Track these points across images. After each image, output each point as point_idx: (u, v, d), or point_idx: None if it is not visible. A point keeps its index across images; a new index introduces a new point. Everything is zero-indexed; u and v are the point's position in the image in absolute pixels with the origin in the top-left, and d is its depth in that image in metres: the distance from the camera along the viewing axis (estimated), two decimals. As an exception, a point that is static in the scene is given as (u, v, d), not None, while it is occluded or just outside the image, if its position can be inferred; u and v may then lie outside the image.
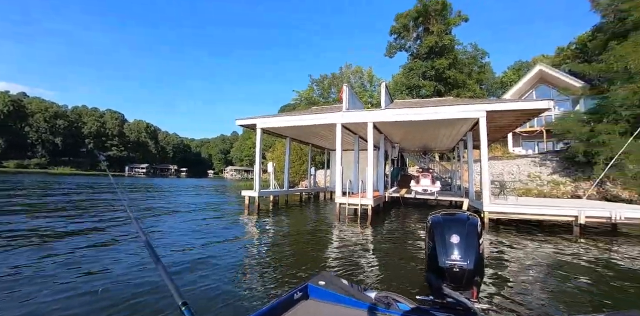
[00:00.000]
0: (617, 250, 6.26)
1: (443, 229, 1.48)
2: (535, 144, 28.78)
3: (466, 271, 1.36)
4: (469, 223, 1.48)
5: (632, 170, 15.75)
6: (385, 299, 1.37)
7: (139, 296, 3.47)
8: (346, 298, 1.34)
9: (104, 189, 22.80)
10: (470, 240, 1.41)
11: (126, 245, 5.90)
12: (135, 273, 4.26)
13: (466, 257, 1.37)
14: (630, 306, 3.50)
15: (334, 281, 1.47)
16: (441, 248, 1.43)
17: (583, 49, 31.30)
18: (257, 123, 12.78)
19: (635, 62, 16.98)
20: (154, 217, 9.85)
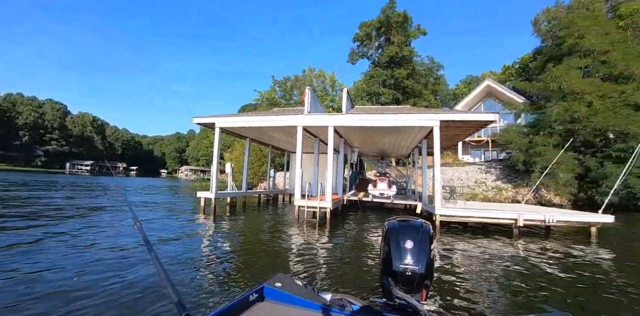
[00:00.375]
0: (549, 249, 6.90)
1: (398, 235, 1.54)
2: (482, 153, 31.00)
3: (418, 275, 1.43)
4: (422, 230, 1.56)
5: (562, 178, 17.55)
6: (340, 301, 1.40)
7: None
8: (302, 300, 1.36)
9: (43, 187, 20.68)
10: (423, 246, 1.48)
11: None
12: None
13: (418, 262, 1.44)
14: (558, 302, 3.86)
15: (291, 283, 1.47)
16: (396, 252, 1.49)
17: (525, 68, 34.50)
18: (215, 122, 12.36)
19: (567, 83, 19.04)
20: (98, 217, 9.11)
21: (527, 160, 19.28)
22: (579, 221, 7.98)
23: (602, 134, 18.33)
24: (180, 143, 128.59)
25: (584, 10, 25.13)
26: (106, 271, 4.31)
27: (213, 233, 7.93)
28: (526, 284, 4.49)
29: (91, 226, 7.75)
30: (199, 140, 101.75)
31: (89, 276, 4.09)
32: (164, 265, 1.05)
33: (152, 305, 3.26)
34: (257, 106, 39.07)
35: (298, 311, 1.32)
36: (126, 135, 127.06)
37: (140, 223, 1.36)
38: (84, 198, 15.50)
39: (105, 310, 3.13)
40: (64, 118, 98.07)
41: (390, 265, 1.48)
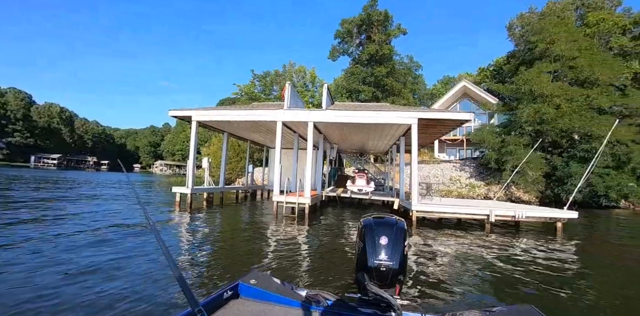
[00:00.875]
0: (518, 243, 7.23)
1: (373, 231, 1.56)
2: (457, 151, 31.95)
3: (392, 271, 1.45)
4: (396, 227, 1.59)
5: (531, 177, 18.38)
6: (315, 297, 1.41)
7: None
8: (277, 297, 1.35)
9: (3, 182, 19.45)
10: (397, 242, 1.51)
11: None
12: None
13: (392, 258, 1.46)
14: (522, 295, 4.04)
15: (266, 280, 1.46)
16: (370, 249, 1.50)
17: (499, 70, 35.72)
18: (192, 115, 12.02)
19: (537, 86, 19.89)
20: (63, 213, 8.67)
21: (499, 158, 20.05)
22: (546, 216, 8.39)
23: (568, 135, 19.32)
24: (155, 137, 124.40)
25: (555, 17, 26.32)
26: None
27: (188, 227, 7.74)
28: (496, 276, 4.67)
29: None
30: (175, 134, 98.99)
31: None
32: (176, 264, 1.05)
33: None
34: (236, 100, 38.36)
35: (274, 308, 1.31)
36: (97, 127, 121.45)
37: (154, 226, 1.29)
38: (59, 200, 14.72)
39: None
40: (29, 109, 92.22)
41: (365, 261, 1.49)
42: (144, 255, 4.87)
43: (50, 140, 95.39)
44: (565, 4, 31.63)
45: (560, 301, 3.75)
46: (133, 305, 3.07)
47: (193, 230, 7.49)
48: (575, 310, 3.50)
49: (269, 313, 1.28)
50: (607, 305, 3.72)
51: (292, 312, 1.28)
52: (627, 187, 17.08)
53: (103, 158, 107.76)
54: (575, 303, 3.73)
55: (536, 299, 3.81)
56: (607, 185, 17.15)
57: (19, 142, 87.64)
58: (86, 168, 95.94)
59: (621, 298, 4.05)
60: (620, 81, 21.23)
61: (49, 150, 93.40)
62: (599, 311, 3.52)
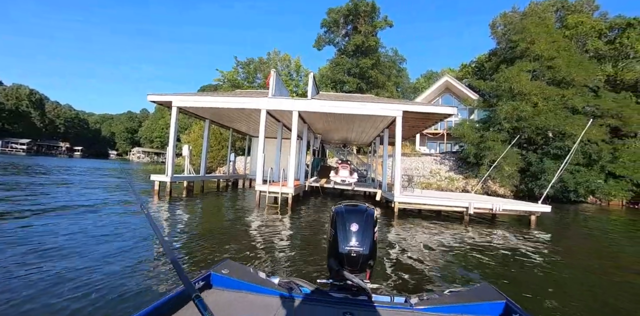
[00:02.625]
0: (495, 233, 7.51)
1: (344, 218, 1.58)
2: (437, 145, 32.57)
3: (362, 256, 1.47)
4: (367, 214, 1.61)
5: (507, 171, 19.02)
6: (288, 284, 1.44)
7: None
8: (250, 285, 1.36)
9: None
10: (367, 229, 1.54)
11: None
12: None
13: (363, 244, 1.48)
14: (495, 277, 4.19)
15: (238, 269, 1.47)
16: (342, 235, 1.52)
17: (481, 67, 36.40)
18: (173, 101, 11.60)
19: (517, 84, 20.44)
20: (34, 204, 8.26)
21: (477, 153, 20.60)
22: (522, 210, 8.72)
23: (543, 133, 20.03)
24: (132, 123, 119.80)
25: (537, 18, 26.94)
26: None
27: (166, 216, 7.55)
28: (469, 264, 4.87)
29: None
30: (154, 120, 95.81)
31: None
32: (171, 250, 1.03)
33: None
34: (217, 87, 37.40)
35: (247, 296, 1.32)
36: (70, 112, 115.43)
37: (147, 210, 1.32)
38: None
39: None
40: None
41: (336, 248, 1.51)
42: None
43: (19, 124, 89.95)
44: (546, 5, 32.38)
45: (526, 284, 3.91)
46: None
47: (171, 219, 7.32)
48: (543, 296, 3.65)
49: (242, 301, 1.28)
50: (568, 291, 3.93)
51: (266, 300, 1.30)
52: (595, 184, 17.96)
53: (76, 144, 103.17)
54: (542, 286, 3.90)
55: (507, 281, 3.97)
56: (577, 181, 17.98)
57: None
58: (58, 154, 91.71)
59: (584, 284, 4.28)
60: (594, 83, 22.08)
61: (18, 135, 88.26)
62: (560, 295, 3.71)
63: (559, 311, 3.27)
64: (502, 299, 1.24)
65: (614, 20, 28.67)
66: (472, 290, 1.40)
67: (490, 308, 1.24)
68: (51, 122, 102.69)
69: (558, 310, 3.28)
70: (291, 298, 1.31)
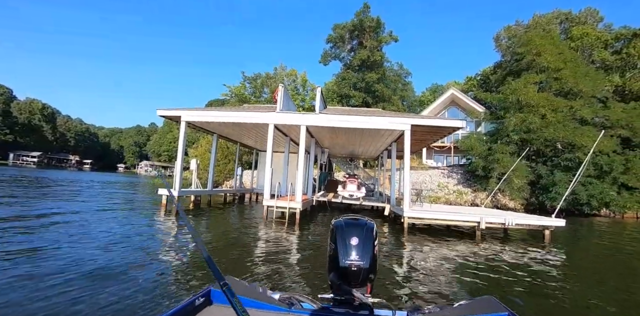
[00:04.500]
0: (512, 250, 7.27)
1: (344, 232, 1.57)
2: (444, 158, 32.34)
3: (362, 270, 1.46)
4: (366, 227, 1.60)
5: (517, 184, 18.72)
6: (288, 299, 1.43)
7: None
8: (251, 301, 1.34)
9: None
10: (367, 242, 1.52)
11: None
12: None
13: (363, 257, 1.47)
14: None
15: (238, 285, 1.45)
16: (342, 249, 1.51)
17: (486, 80, 36.55)
18: (182, 115, 11.74)
19: (524, 96, 20.39)
20: (48, 217, 8.30)
21: (486, 166, 20.35)
22: (536, 224, 8.49)
23: (552, 145, 19.78)
24: (141, 137, 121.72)
25: (541, 30, 27.15)
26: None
27: (174, 231, 7.50)
28: (479, 282, 4.72)
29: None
30: (162, 134, 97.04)
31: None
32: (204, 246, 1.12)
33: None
34: (225, 102, 37.92)
35: (248, 312, 1.31)
36: (80, 125, 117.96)
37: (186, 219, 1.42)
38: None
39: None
40: (9, 104, 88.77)
41: (336, 262, 1.50)
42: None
43: (31, 137, 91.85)
44: (550, 17, 32.70)
45: (543, 305, 3.75)
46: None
47: (178, 234, 7.26)
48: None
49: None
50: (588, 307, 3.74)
51: (267, 315, 1.28)
52: (609, 196, 17.55)
53: (86, 157, 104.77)
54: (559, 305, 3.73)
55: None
56: (589, 193, 17.59)
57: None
58: (68, 166, 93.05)
59: (603, 304, 4.08)
60: (602, 93, 21.94)
61: (29, 148, 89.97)
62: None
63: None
64: (505, 311, 1.21)
65: (620, 31, 28.77)
66: (474, 302, 1.37)
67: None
68: (62, 136, 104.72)
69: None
70: (292, 314, 1.29)
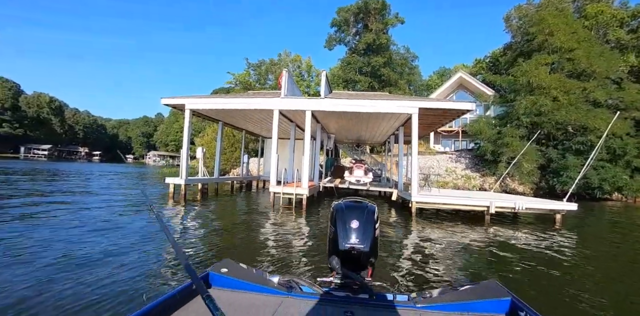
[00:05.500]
0: (521, 234, 7.17)
1: (344, 215, 1.58)
2: (452, 142, 31.94)
3: (362, 253, 1.47)
4: (367, 210, 1.61)
5: (526, 168, 18.43)
6: (287, 283, 1.43)
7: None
8: (249, 285, 1.35)
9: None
10: (368, 225, 1.53)
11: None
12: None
13: (363, 241, 1.48)
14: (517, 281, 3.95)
15: (237, 268, 1.46)
16: (342, 232, 1.52)
17: (495, 62, 35.50)
18: (186, 103, 11.63)
19: (535, 78, 19.77)
20: (58, 208, 8.41)
21: (495, 150, 20.03)
22: (547, 208, 8.33)
23: (563, 128, 19.30)
24: (148, 128, 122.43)
25: (553, 9, 26.04)
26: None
27: (181, 219, 7.55)
28: (487, 267, 4.65)
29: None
30: (168, 124, 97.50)
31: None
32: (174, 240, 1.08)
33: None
34: (230, 90, 37.70)
35: (246, 296, 1.32)
36: (88, 118, 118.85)
37: (155, 210, 1.35)
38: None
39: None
40: (17, 99, 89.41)
41: (336, 245, 1.51)
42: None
43: (40, 131, 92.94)
44: (562, -5, 31.33)
45: (549, 292, 3.66)
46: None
47: (186, 222, 7.32)
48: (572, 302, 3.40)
49: (241, 301, 1.27)
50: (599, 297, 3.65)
51: (265, 299, 1.28)
52: (622, 180, 17.20)
53: (95, 149, 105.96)
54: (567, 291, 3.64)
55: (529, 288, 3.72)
56: (601, 177, 17.26)
57: (8, 133, 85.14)
58: (78, 158, 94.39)
59: (614, 292, 3.98)
60: (616, 74, 21.15)
61: (39, 141, 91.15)
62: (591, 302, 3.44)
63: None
64: (508, 296, 1.19)
65: (637, 8, 27.47)
66: (477, 286, 1.35)
67: (496, 306, 1.19)
68: (71, 128, 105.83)
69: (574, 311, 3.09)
70: (291, 297, 1.30)
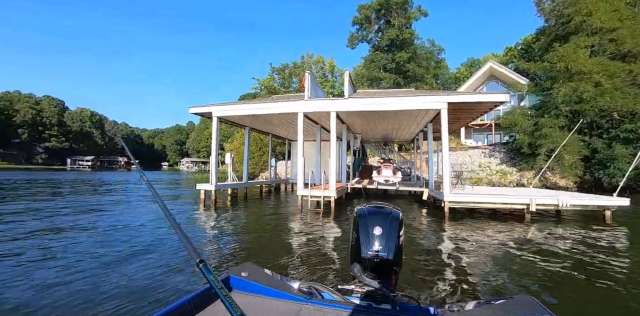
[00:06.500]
0: (565, 235, 6.62)
1: (367, 221, 1.53)
2: (484, 136, 30.54)
3: (386, 261, 1.43)
4: (391, 216, 1.55)
5: (568, 161, 17.22)
6: (308, 289, 1.40)
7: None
8: (269, 290, 1.33)
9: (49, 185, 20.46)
10: (392, 232, 1.48)
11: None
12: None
13: (387, 248, 1.44)
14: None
15: (257, 272, 1.45)
16: (364, 239, 1.48)
17: (527, 49, 33.59)
18: (212, 111, 11.95)
19: (574, 63, 18.42)
20: (95, 216, 8.87)
21: (532, 142, 18.89)
22: (595, 204, 7.66)
23: (608, 115, 17.84)
24: (181, 136, 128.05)
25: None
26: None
27: (212, 225, 7.69)
28: (528, 275, 4.23)
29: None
30: (199, 131, 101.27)
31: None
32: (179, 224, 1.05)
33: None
34: (256, 95, 38.39)
35: (265, 301, 1.29)
36: (126, 129, 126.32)
37: (146, 178, 1.39)
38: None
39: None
40: (62, 115, 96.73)
41: (359, 252, 1.47)
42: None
43: (84, 143, 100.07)
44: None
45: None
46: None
47: (217, 227, 7.45)
48: None
49: (260, 306, 1.25)
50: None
51: (284, 305, 1.25)
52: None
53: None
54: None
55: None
56: (656, 167, 15.75)
57: (55, 146, 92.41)
58: (118, 168, 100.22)
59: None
60: (668, 53, 19.27)
61: (83, 153, 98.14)
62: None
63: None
64: (545, 314, 1.08)
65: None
66: (511, 302, 1.24)
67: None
68: (110, 140, 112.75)
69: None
70: (311, 305, 1.26)
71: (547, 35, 25.63)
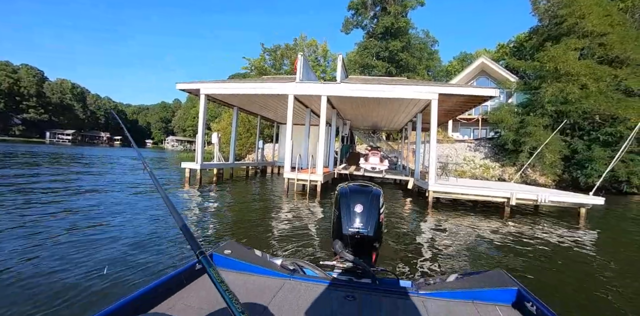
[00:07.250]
0: (541, 228, 6.88)
1: (348, 199, 1.55)
2: (471, 131, 31.07)
3: (366, 238, 1.46)
4: (372, 194, 1.57)
5: (549, 159, 17.75)
6: (290, 265, 1.43)
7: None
8: (252, 266, 1.36)
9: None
10: (373, 210, 1.50)
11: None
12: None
13: (367, 225, 1.46)
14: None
15: (240, 250, 1.46)
16: (345, 216, 1.50)
17: (519, 47, 33.83)
18: (200, 88, 11.61)
19: (563, 64, 18.70)
20: (77, 192, 8.63)
21: (516, 139, 19.33)
22: (572, 202, 7.95)
23: (591, 117, 18.36)
24: (166, 113, 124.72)
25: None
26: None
27: (195, 202, 7.63)
28: (500, 257, 4.48)
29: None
30: (186, 109, 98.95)
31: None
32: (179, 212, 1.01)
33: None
34: (246, 75, 37.53)
35: (249, 278, 1.32)
36: (109, 103, 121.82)
37: (149, 168, 1.37)
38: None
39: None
40: (42, 85, 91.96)
41: (340, 229, 1.49)
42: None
43: (64, 116, 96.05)
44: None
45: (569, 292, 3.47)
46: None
47: (200, 205, 7.40)
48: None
49: (244, 283, 1.28)
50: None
51: (268, 281, 1.29)
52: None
53: (116, 134, 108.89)
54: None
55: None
56: (630, 170, 16.43)
57: (34, 118, 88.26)
58: (100, 143, 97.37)
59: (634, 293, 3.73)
60: (653, 61, 19.76)
61: (63, 126, 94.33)
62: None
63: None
64: (514, 286, 1.16)
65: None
66: (484, 275, 1.31)
67: (502, 295, 1.17)
68: (93, 114, 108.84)
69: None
70: (293, 280, 1.30)
71: (539, 35, 25.81)
